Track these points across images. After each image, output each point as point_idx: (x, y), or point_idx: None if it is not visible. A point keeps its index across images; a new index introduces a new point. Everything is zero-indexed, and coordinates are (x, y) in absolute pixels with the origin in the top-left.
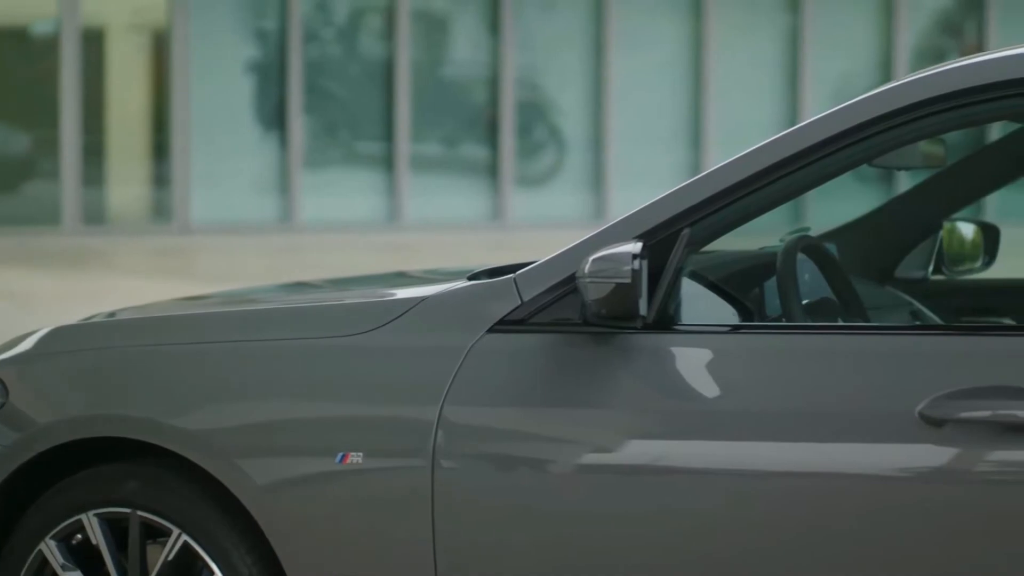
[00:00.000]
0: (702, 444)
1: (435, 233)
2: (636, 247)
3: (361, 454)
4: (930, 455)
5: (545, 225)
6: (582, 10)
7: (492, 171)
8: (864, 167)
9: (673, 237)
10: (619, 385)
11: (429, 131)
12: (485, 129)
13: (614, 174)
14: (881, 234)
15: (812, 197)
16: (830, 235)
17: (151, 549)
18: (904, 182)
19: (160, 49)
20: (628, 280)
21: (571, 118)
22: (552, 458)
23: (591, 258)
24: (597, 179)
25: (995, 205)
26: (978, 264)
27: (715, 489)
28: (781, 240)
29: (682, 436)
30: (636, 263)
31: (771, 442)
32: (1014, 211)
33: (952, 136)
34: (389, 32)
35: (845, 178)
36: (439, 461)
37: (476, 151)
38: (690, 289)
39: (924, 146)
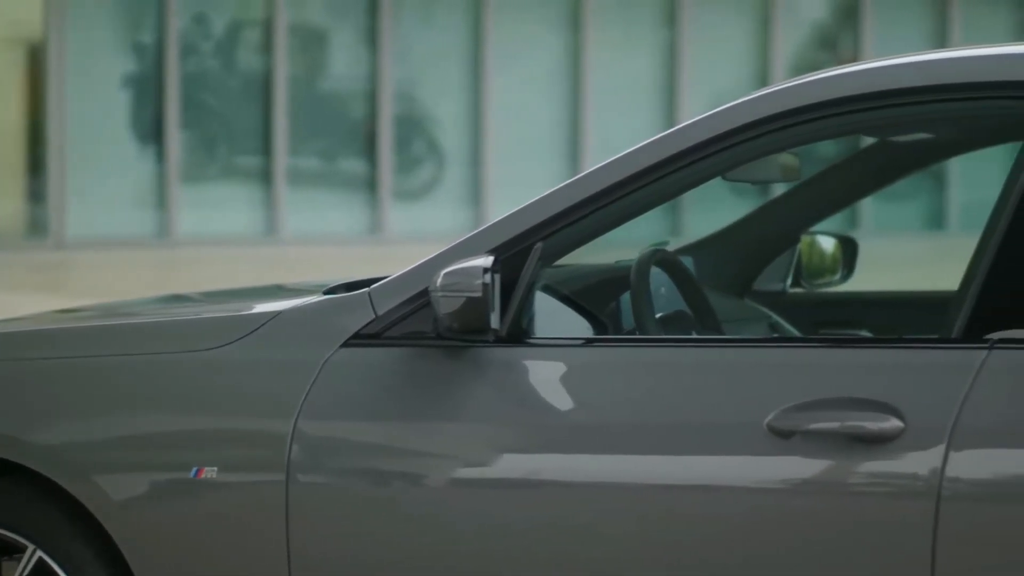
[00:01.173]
0: (555, 457)
1: (314, 247)
2: (487, 261)
3: (215, 469)
4: (778, 466)
5: (424, 239)
6: (460, 23)
7: (370, 185)
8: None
9: (526, 251)
10: (472, 398)
11: (307, 145)
12: (363, 143)
13: (492, 188)
14: (740, 247)
15: (693, 208)
16: (689, 249)
17: (7, 565)
18: (764, 196)
19: (36, 63)
20: (479, 294)
21: (449, 132)
22: (407, 472)
23: (443, 272)
24: (475, 193)
25: (870, 217)
26: (836, 277)
27: (567, 502)
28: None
29: (535, 449)
30: (487, 277)
31: (623, 455)
32: (889, 223)
33: (809, 149)
34: (267, 46)
35: (728, 190)
36: (294, 475)
37: (354, 165)
38: (544, 303)
39: (778, 160)
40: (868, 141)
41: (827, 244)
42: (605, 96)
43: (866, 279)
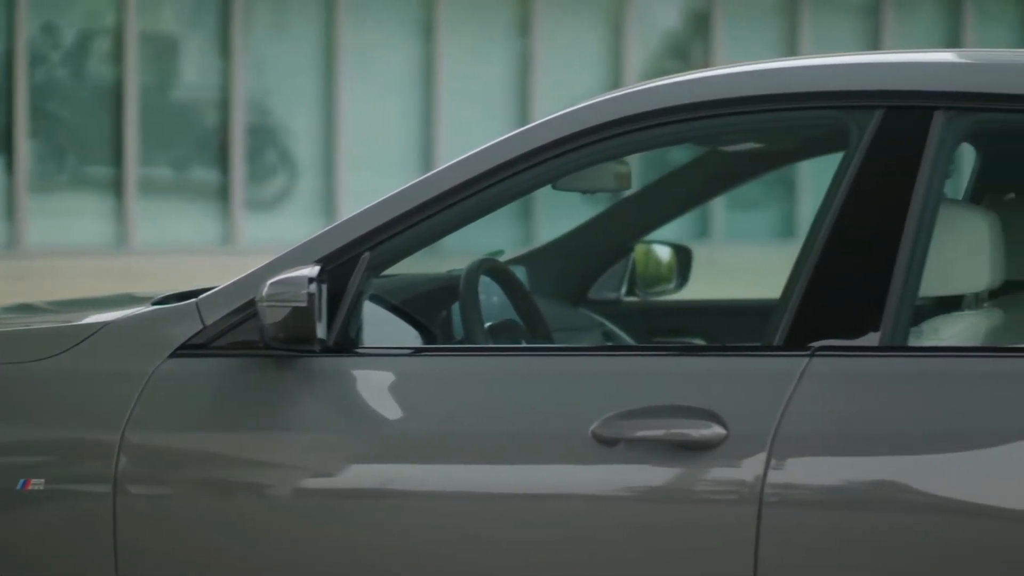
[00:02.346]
0: (382, 468)
1: (165, 257)
2: (313, 271)
3: (43, 480)
4: (603, 474)
5: (277, 249)
6: (313, 33)
7: (223, 195)
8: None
9: (353, 261)
10: (299, 408)
11: (159, 154)
12: (215, 153)
13: (345, 197)
14: (575, 257)
15: (551, 216)
16: (523, 258)
17: None
18: (599, 204)
19: None
20: (305, 304)
21: (302, 141)
22: (233, 482)
23: (269, 282)
24: (328, 202)
25: (722, 225)
26: (671, 285)
27: (394, 511)
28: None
29: (361, 460)
30: (313, 287)
31: (450, 464)
32: (740, 232)
33: (643, 158)
34: (117, 55)
35: (583, 199)
36: (121, 487)
37: (206, 175)
38: (374, 312)
39: (608, 168)
40: (701, 150)
41: (662, 253)
42: (458, 105)
43: (717, 287)
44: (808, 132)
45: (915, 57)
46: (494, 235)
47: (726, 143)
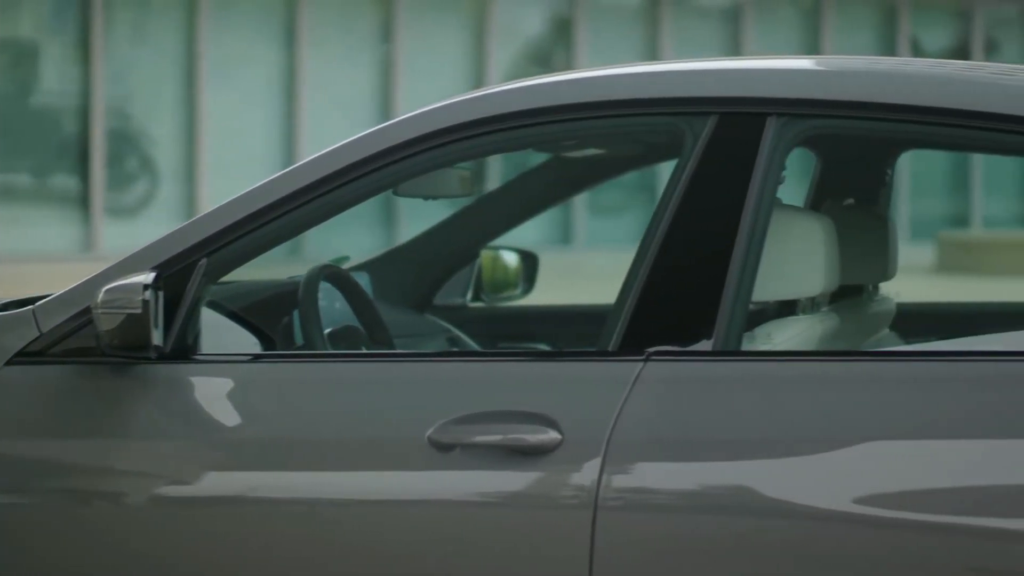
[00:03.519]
0: (218, 475)
1: (25, 264)
2: (148, 277)
3: None
4: (439, 480)
5: None
6: (174, 40)
7: (83, 202)
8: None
9: (190, 267)
10: (136, 416)
11: (18, 161)
12: (76, 159)
13: (207, 204)
14: (421, 262)
15: (414, 221)
16: (369, 264)
17: None
18: (444, 210)
19: None
20: (139, 310)
21: (163, 148)
22: (74, 489)
23: (104, 289)
24: (189, 209)
25: (584, 232)
26: (517, 291)
27: (235, 518)
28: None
29: (200, 466)
30: (147, 293)
31: (290, 471)
32: (602, 238)
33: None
34: None
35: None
36: None
37: (67, 181)
38: (214, 319)
39: (449, 174)
40: (545, 156)
41: (508, 258)
42: (321, 111)
43: (579, 293)
44: (647, 138)
45: (748, 64)
46: (363, 239)
47: (568, 149)
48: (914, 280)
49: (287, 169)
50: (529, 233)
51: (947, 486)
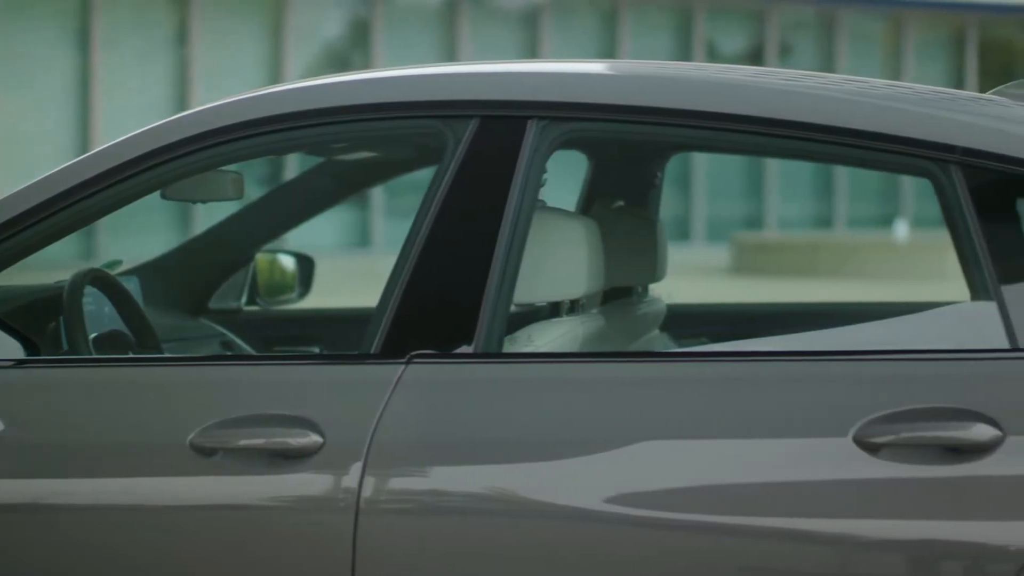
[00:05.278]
0: None
1: None
2: None
3: None
4: (201, 485)
5: None
6: None
7: None
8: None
9: None
10: None
11: None
12: None
13: None
14: (194, 266)
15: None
16: (143, 268)
17: None
18: (220, 213)
19: None
20: None
21: None
22: None
23: None
24: None
25: (382, 235)
26: (294, 295)
27: (1, 525)
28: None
29: None
30: None
31: (55, 478)
32: (399, 242)
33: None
34: None
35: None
36: None
37: None
38: None
39: (220, 177)
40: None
41: (284, 262)
42: (116, 115)
43: (375, 295)
44: (413, 142)
45: (510, 67)
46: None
47: (339, 152)
48: (709, 281)
49: (45, 175)
50: (326, 236)
51: (707, 485)
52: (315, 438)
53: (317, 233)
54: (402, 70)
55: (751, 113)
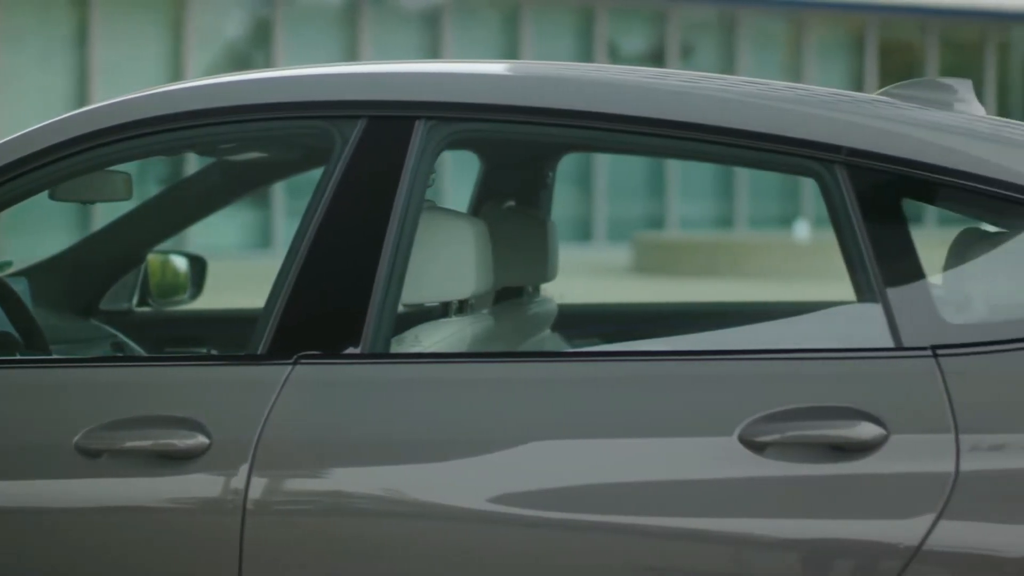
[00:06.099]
0: None
1: None
2: None
3: None
4: (89, 487)
5: None
6: None
7: None
8: None
9: None
10: None
11: None
12: None
13: None
14: (84, 267)
15: None
16: (30, 270)
17: None
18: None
19: None
20: None
21: None
22: None
23: None
24: None
25: (283, 237)
26: (185, 295)
27: None
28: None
29: None
30: None
31: None
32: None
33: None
34: None
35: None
36: None
37: None
38: None
39: (108, 178)
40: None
41: (176, 262)
42: (16, 115)
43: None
44: (302, 142)
45: (398, 68)
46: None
47: (229, 152)
48: (610, 281)
49: None
50: (228, 237)
51: (595, 484)
52: (202, 439)
53: (218, 234)
54: (290, 70)
55: (636, 114)
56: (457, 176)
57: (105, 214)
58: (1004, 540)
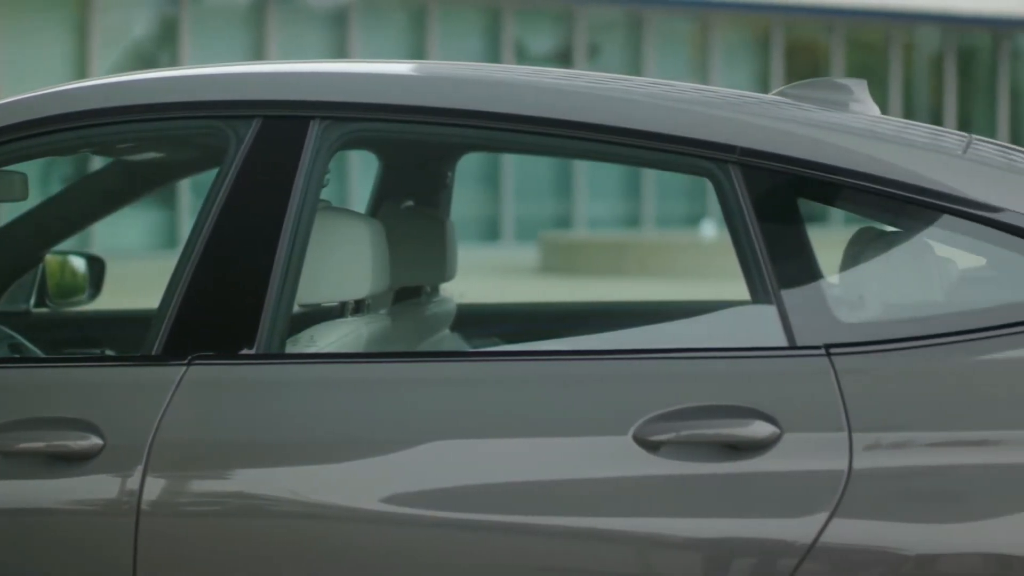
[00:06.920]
0: None
1: None
2: None
3: None
4: None
5: None
6: None
7: None
8: None
9: None
10: None
11: None
12: None
13: None
14: None
15: None
16: None
17: None
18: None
19: None
20: None
21: None
22: None
23: None
24: None
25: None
26: (84, 296)
27: None
28: None
29: None
30: None
31: None
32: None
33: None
34: None
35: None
36: None
37: None
38: None
39: (1, 177)
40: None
41: (75, 263)
42: None
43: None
44: (199, 142)
45: (293, 67)
46: None
47: (126, 152)
48: (517, 280)
49: None
50: (132, 238)
51: (491, 484)
52: (95, 440)
53: (123, 235)
54: (187, 70)
55: (531, 114)
56: (364, 177)
57: (1, 214)
58: (897, 537)
